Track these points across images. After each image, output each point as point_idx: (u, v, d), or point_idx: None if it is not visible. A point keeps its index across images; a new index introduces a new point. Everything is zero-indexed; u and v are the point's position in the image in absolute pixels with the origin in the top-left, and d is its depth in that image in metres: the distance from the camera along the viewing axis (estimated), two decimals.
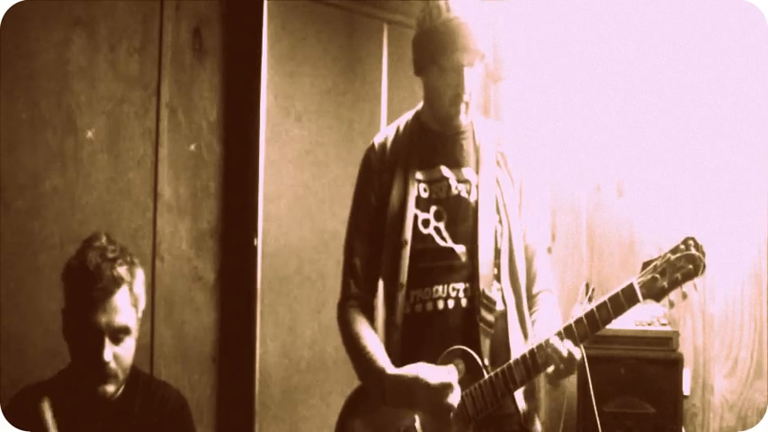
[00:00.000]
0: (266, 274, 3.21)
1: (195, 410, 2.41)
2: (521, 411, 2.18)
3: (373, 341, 2.24)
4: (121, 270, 2.04)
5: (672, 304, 2.06)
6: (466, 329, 2.17)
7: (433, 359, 2.15)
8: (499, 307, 2.20)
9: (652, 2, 3.72)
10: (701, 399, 3.55)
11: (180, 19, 3.13)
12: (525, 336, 2.24)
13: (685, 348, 3.48)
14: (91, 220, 2.86)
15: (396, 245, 2.24)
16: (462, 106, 2.22)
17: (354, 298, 2.32)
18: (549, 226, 3.91)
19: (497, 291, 2.21)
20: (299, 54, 3.36)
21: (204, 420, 3.12)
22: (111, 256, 2.04)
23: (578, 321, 2.06)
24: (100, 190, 2.91)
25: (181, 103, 3.13)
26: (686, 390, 3.46)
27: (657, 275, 2.04)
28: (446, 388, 2.08)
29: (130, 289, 2.06)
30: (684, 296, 2.04)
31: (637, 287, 2.03)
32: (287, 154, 3.31)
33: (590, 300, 3.62)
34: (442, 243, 2.22)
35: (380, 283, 2.34)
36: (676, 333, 3.38)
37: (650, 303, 2.07)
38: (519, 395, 2.18)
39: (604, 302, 2.05)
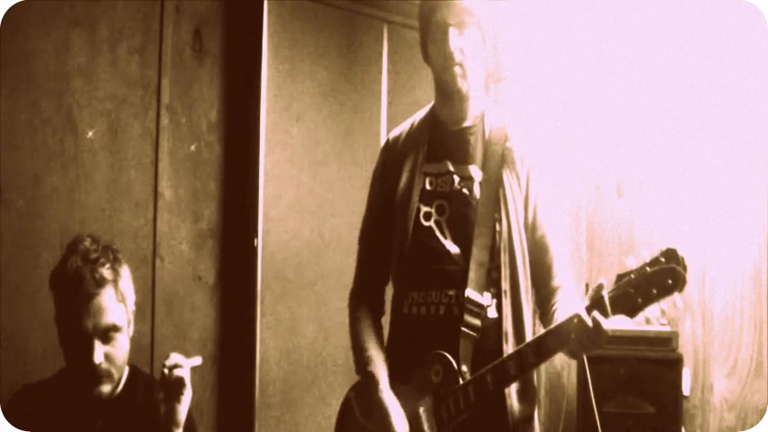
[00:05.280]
0: (266, 274, 3.21)
1: (195, 410, 2.40)
2: (510, 414, 2.14)
3: (373, 342, 2.26)
4: (103, 270, 2.03)
5: (648, 321, 1.93)
6: (453, 336, 2.13)
7: (419, 363, 2.16)
8: (493, 314, 2.16)
9: (652, 2, 3.72)
10: (700, 399, 3.55)
11: (180, 19, 3.13)
12: (520, 341, 2.16)
13: (685, 348, 3.47)
14: (91, 220, 2.87)
15: (400, 237, 2.23)
16: (457, 69, 2.16)
17: (365, 290, 2.36)
18: None
19: (492, 297, 2.16)
20: (299, 54, 3.36)
21: (204, 420, 3.12)
22: (92, 257, 2.04)
23: (545, 335, 2.00)
24: (100, 190, 2.91)
25: (181, 103, 3.13)
26: (686, 390, 3.46)
27: (631, 290, 1.86)
28: None
29: (115, 287, 2.05)
30: (663, 313, 1.90)
31: (606, 301, 1.89)
32: (287, 154, 3.31)
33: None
34: (441, 238, 2.19)
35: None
36: (676, 333, 3.37)
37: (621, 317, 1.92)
38: (515, 399, 2.15)
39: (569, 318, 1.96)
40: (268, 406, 3.21)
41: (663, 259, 1.84)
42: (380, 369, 2.20)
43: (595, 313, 1.89)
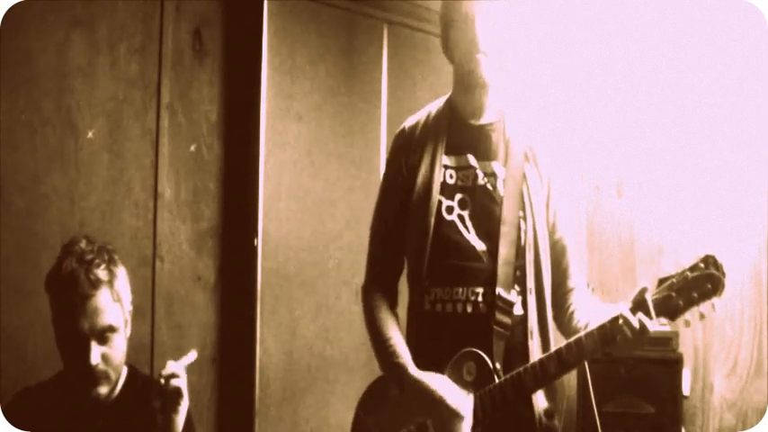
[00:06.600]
0: (266, 274, 3.21)
1: (195, 410, 2.40)
2: (537, 414, 2.15)
3: (396, 333, 2.23)
4: (98, 271, 2.03)
5: (687, 323, 1.99)
6: (482, 334, 2.14)
7: (448, 360, 2.15)
8: (518, 311, 2.17)
9: (652, 2, 3.72)
10: (700, 399, 3.55)
11: (180, 19, 3.13)
12: (545, 341, 2.19)
13: (685, 348, 3.48)
14: (91, 220, 2.86)
15: (419, 231, 2.21)
16: (481, 57, 2.17)
17: (378, 282, 2.32)
18: None
19: (518, 294, 2.17)
20: (298, 54, 3.36)
21: (204, 420, 3.12)
22: (87, 258, 2.04)
23: (585, 337, 2.03)
24: (100, 190, 2.91)
25: (181, 103, 3.13)
26: (686, 390, 3.46)
27: (673, 293, 1.96)
28: (456, 417, 2.07)
29: (111, 288, 2.05)
30: (702, 316, 1.93)
31: (650, 304, 1.97)
32: (287, 154, 3.31)
33: None
34: (465, 233, 2.18)
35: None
36: (676, 333, 3.38)
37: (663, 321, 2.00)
38: (540, 395, 2.16)
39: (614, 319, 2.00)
40: (268, 406, 3.21)
41: (702, 265, 1.96)
42: (408, 359, 2.18)
43: (640, 314, 1.97)
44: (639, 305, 1.99)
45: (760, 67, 3.47)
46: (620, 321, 1.98)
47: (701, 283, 1.95)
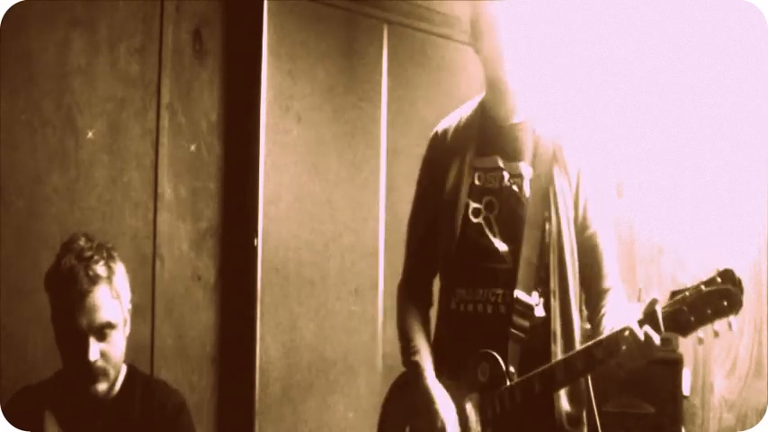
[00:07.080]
0: (266, 274, 3.21)
1: (195, 410, 2.40)
2: (558, 415, 2.15)
3: (420, 335, 2.28)
4: (97, 268, 2.03)
5: (701, 341, 1.88)
6: (501, 335, 2.14)
7: (466, 360, 2.17)
8: (540, 313, 2.16)
9: (652, 2, 3.72)
10: (700, 399, 3.55)
11: (180, 19, 3.13)
12: (569, 344, 2.17)
13: (685, 348, 3.47)
14: (91, 220, 2.86)
15: (447, 233, 2.24)
16: (506, 62, 2.20)
17: (412, 282, 2.38)
18: None
19: (539, 296, 2.16)
20: (299, 54, 3.36)
21: (204, 420, 3.12)
22: (86, 255, 2.04)
23: (594, 346, 2.01)
24: (100, 190, 2.91)
25: (181, 103, 3.13)
26: (686, 390, 3.46)
27: (685, 308, 1.84)
28: None
29: (110, 284, 2.05)
30: (716, 334, 1.82)
31: (660, 316, 1.89)
32: (287, 154, 3.31)
33: None
34: (490, 236, 2.20)
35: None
36: (676, 334, 3.37)
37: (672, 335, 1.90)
38: (562, 398, 2.16)
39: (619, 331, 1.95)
40: (268, 406, 3.21)
41: (719, 279, 1.82)
42: (426, 360, 2.23)
43: (647, 328, 1.90)
44: (648, 317, 1.92)
45: (760, 67, 3.47)
46: (626, 333, 1.93)
47: (717, 299, 1.81)
